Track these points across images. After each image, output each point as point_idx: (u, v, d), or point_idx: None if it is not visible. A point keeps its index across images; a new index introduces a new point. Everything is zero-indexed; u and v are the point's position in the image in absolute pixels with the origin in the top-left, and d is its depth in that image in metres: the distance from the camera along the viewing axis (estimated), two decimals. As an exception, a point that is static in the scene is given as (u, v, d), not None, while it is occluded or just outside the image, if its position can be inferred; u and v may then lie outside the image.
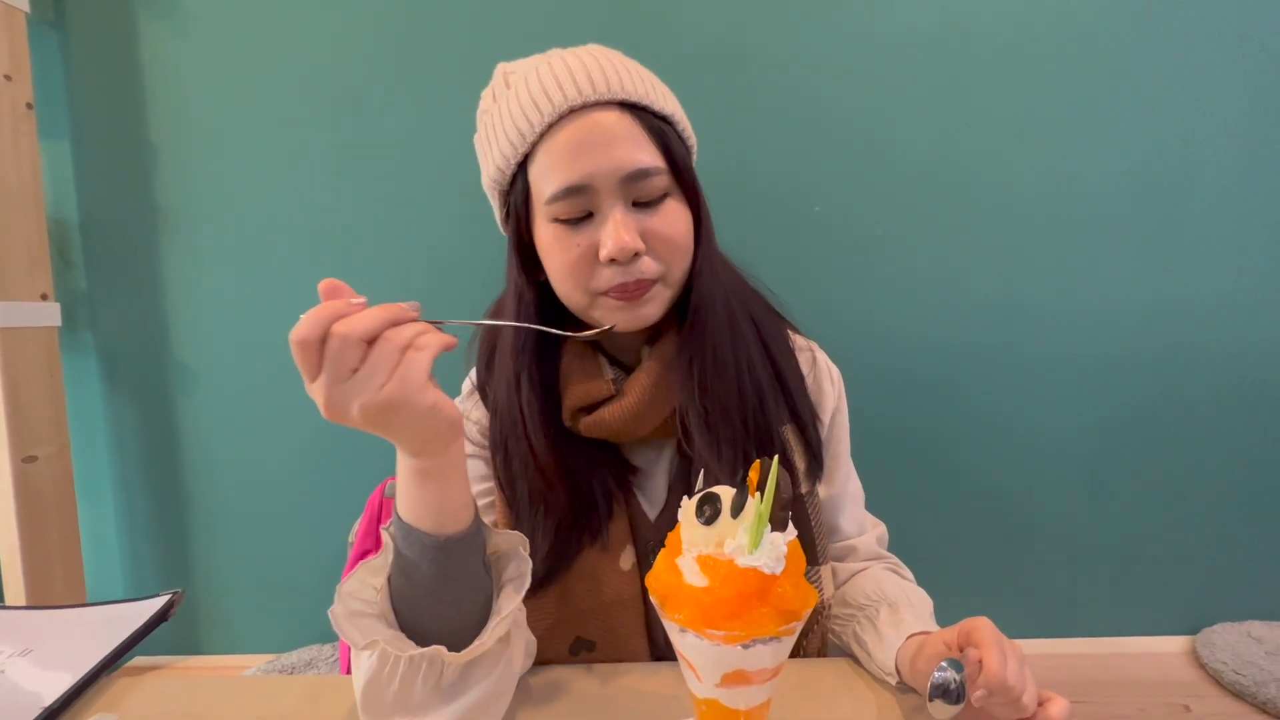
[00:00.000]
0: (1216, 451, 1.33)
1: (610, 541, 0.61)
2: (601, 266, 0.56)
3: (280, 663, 1.25)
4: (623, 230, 0.54)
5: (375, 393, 0.40)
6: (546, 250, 0.58)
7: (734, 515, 0.39)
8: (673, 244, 0.57)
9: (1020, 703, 0.45)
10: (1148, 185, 1.27)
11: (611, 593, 0.61)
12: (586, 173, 0.54)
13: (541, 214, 0.57)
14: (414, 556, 0.46)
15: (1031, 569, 1.35)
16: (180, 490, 1.33)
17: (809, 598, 0.39)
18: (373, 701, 0.46)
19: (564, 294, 0.59)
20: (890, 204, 1.28)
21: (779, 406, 0.63)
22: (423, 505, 0.46)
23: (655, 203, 0.56)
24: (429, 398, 0.41)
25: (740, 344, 0.61)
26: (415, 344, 0.41)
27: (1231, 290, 1.29)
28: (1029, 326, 1.30)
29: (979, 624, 0.50)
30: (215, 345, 1.30)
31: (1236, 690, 1.20)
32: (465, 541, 0.47)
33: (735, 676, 0.39)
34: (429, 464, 0.45)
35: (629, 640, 0.62)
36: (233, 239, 1.28)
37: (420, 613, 0.47)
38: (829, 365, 0.73)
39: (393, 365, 0.40)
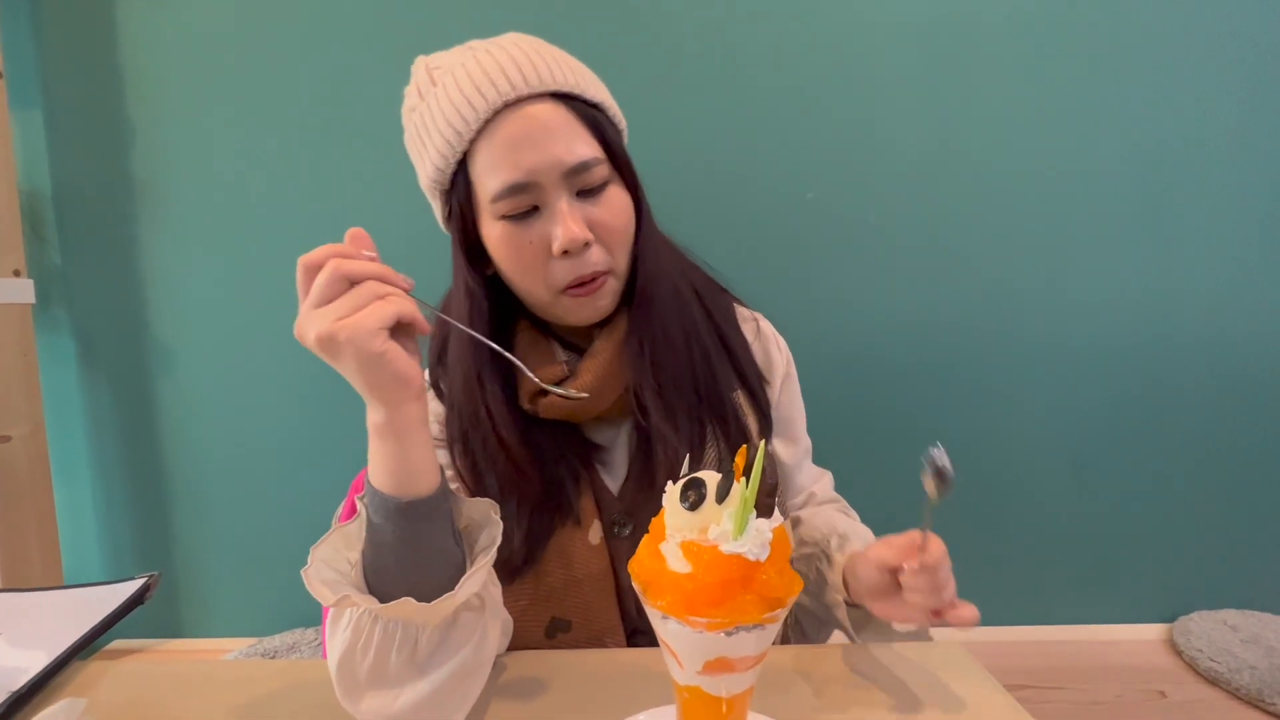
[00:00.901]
0: (1197, 447, 1.34)
1: (579, 518, 0.62)
2: (555, 260, 0.56)
3: (262, 646, 1.24)
4: (571, 222, 0.54)
5: (329, 323, 0.42)
6: (497, 248, 0.59)
7: (719, 501, 0.38)
8: (618, 233, 0.58)
9: (941, 592, 0.50)
10: (1140, 181, 1.27)
11: (583, 568, 0.61)
12: (529, 169, 0.54)
13: (487, 211, 0.57)
14: (379, 521, 0.46)
15: (1013, 558, 1.37)
16: (159, 472, 1.31)
17: (793, 585, 0.39)
18: (347, 677, 0.46)
19: (524, 291, 0.60)
20: (883, 194, 1.27)
21: (727, 373, 0.65)
22: (382, 464, 0.46)
23: (597, 191, 0.57)
24: (377, 344, 0.42)
25: (687, 318, 0.63)
26: (388, 298, 0.43)
27: (1220, 287, 1.29)
28: (1019, 319, 1.31)
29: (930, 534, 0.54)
30: (195, 324, 1.28)
31: (1212, 677, 1.23)
32: (429, 506, 0.47)
33: (718, 664, 0.38)
34: (383, 418, 0.45)
35: (602, 615, 0.62)
36: (212, 214, 1.25)
37: (391, 583, 0.46)
38: (775, 334, 0.74)
39: (356, 306, 0.42)
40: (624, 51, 1.21)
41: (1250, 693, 1.13)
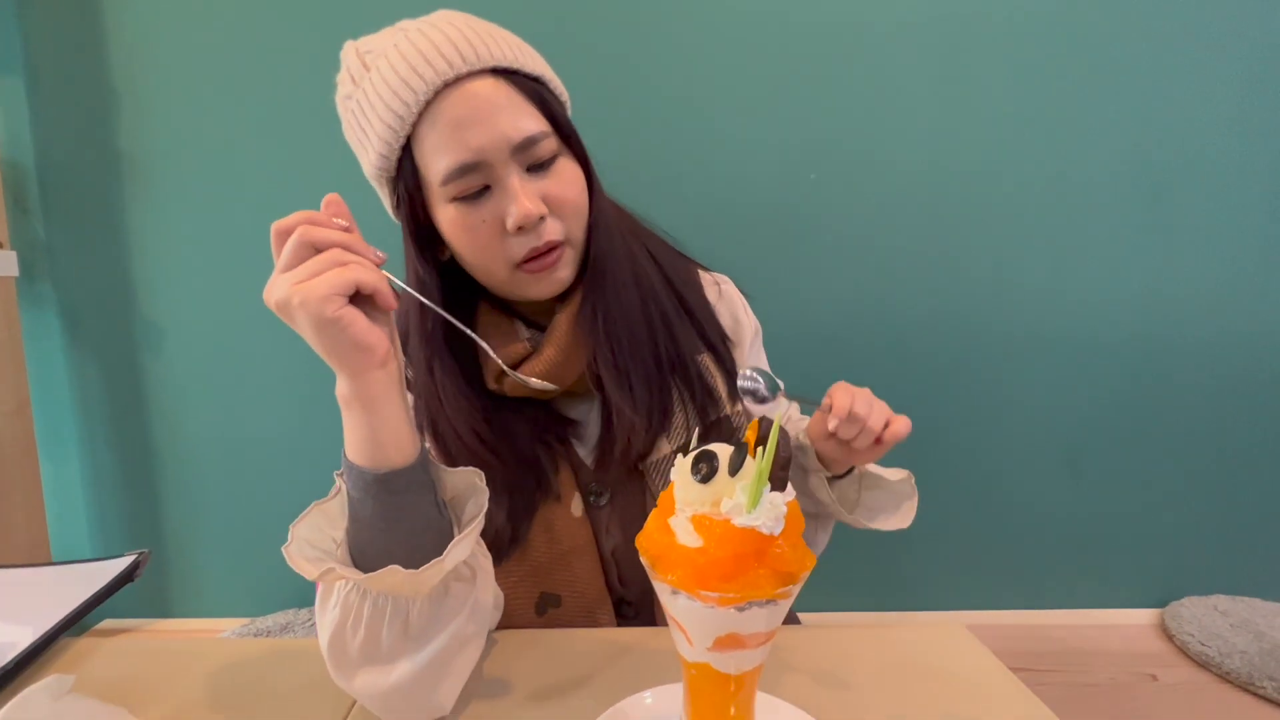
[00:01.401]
0: (1189, 439, 1.35)
1: (560, 491, 0.62)
2: (510, 236, 0.56)
3: (254, 626, 1.23)
4: (524, 198, 0.54)
5: (286, 288, 0.41)
6: (451, 231, 0.57)
7: (732, 473, 0.37)
8: (570, 204, 0.58)
9: (868, 427, 0.56)
10: (1140, 178, 1.27)
11: (568, 540, 0.61)
12: (476, 148, 0.53)
13: (437, 195, 0.56)
14: (358, 495, 0.45)
15: (1009, 545, 1.38)
16: (149, 450, 1.29)
17: (806, 560, 0.37)
18: (338, 655, 0.45)
19: (481, 270, 0.59)
20: (883, 186, 1.26)
21: (690, 335, 0.65)
22: (353, 435, 0.45)
23: (547, 165, 0.56)
24: (329, 310, 0.41)
25: (643, 283, 0.63)
26: (348, 265, 0.42)
27: (1217, 285, 1.30)
28: (1016, 312, 1.30)
29: (836, 384, 0.60)
30: (184, 299, 1.25)
31: (1202, 660, 1.24)
32: (406, 478, 0.46)
33: (728, 640, 0.37)
34: (348, 388, 0.45)
35: (592, 586, 0.62)
36: (201, 187, 1.22)
37: (376, 559, 0.45)
38: (740, 296, 0.74)
39: (314, 272, 0.41)
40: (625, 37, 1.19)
41: (1241, 676, 1.14)
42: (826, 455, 0.64)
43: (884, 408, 0.59)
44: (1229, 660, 1.17)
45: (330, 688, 0.54)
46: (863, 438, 0.57)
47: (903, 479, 0.68)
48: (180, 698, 0.53)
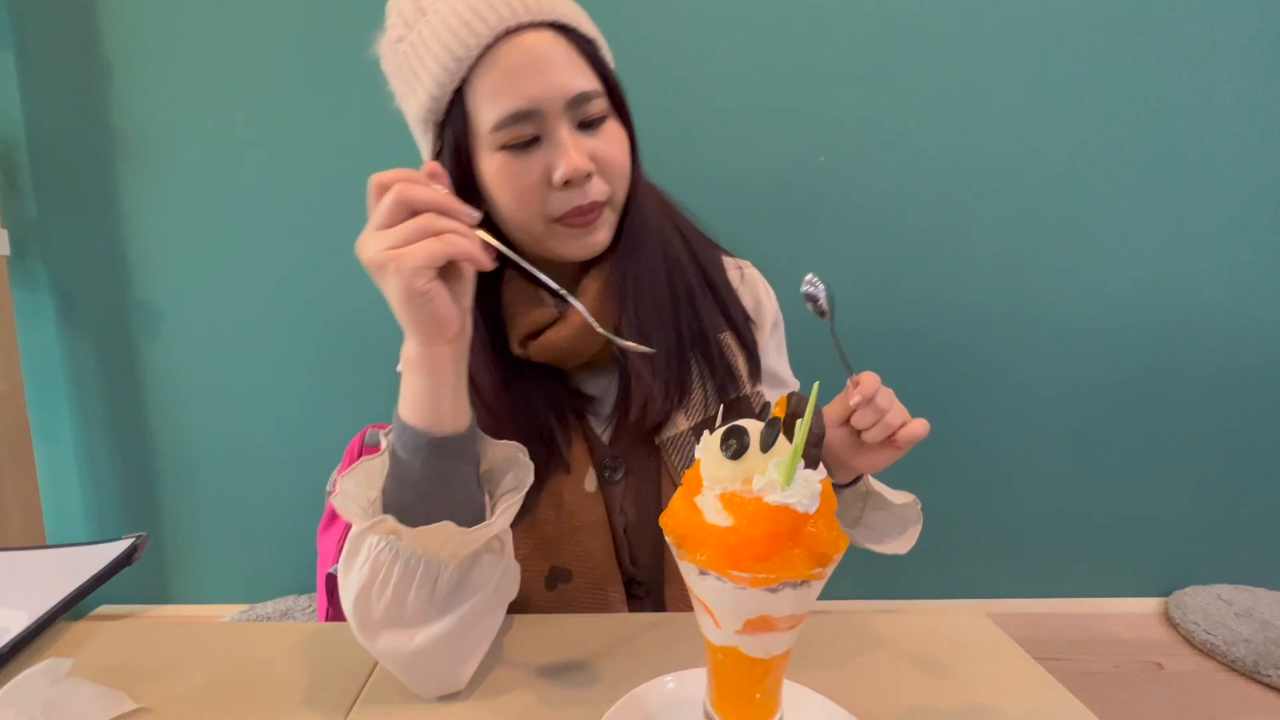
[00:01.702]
0: (1195, 427, 1.35)
1: (572, 465, 0.61)
2: (554, 191, 0.55)
3: (254, 613, 1.22)
4: (574, 153, 0.54)
5: (380, 251, 0.42)
6: (495, 180, 0.56)
7: (764, 449, 0.35)
8: (617, 166, 0.58)
9: (886, 420, 0.55)
10: (1151, 164, 1.26)
11: (580, 516, 0.61)
12: (532, 97, 0.53)
13: (485, 143, 0.55)
14: (406, 456, 0.46)
15: (1014, 533, 1.37)
16: (145, 433, 1.27)
17: (840, 540, 0.36)
18: (363, 614, 0.46)
19: (518, 223, 0.58)
20: (894, 169, 1.24)
21: (713, 313, 0.65)
22: (413, 398, 0.46)
23: (597, 124, 0.57)
24: (419, 283, 0.42)
25: (671, 256, 0.63)
26: (443, 236, 0.42)
27: (1227, 271, 1.29)
28: (1025, 296, 1.29)
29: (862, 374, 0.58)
30: (180, 279, 1.22)
31: (1207, 649, 1.24)
32: (457, 444, 0.48)
33: (758, 623, 0.36)
34: (416, 353, 0.46)
35: (603, 563, 0.62)
36: (198, 164, 1.19)
37: (412, 520, 0.46)
38: (762, 280, 0.74)
39: (409, 238, 0.42)
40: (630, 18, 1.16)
41: (1246, 664, 1.14)
42: (835, 451, 0.61)
43: (903, 409, 0.57)
44: (1234, 649, 1.17)
45: (335, 673, 0.52)
46: (876, 430, 0.56)
47: (909, 503, 0.65)
48: (180, 682, 0.52)
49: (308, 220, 1.21)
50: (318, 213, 1.20)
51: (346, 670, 0.53)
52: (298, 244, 1.21)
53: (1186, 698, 1.08)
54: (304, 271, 1.22)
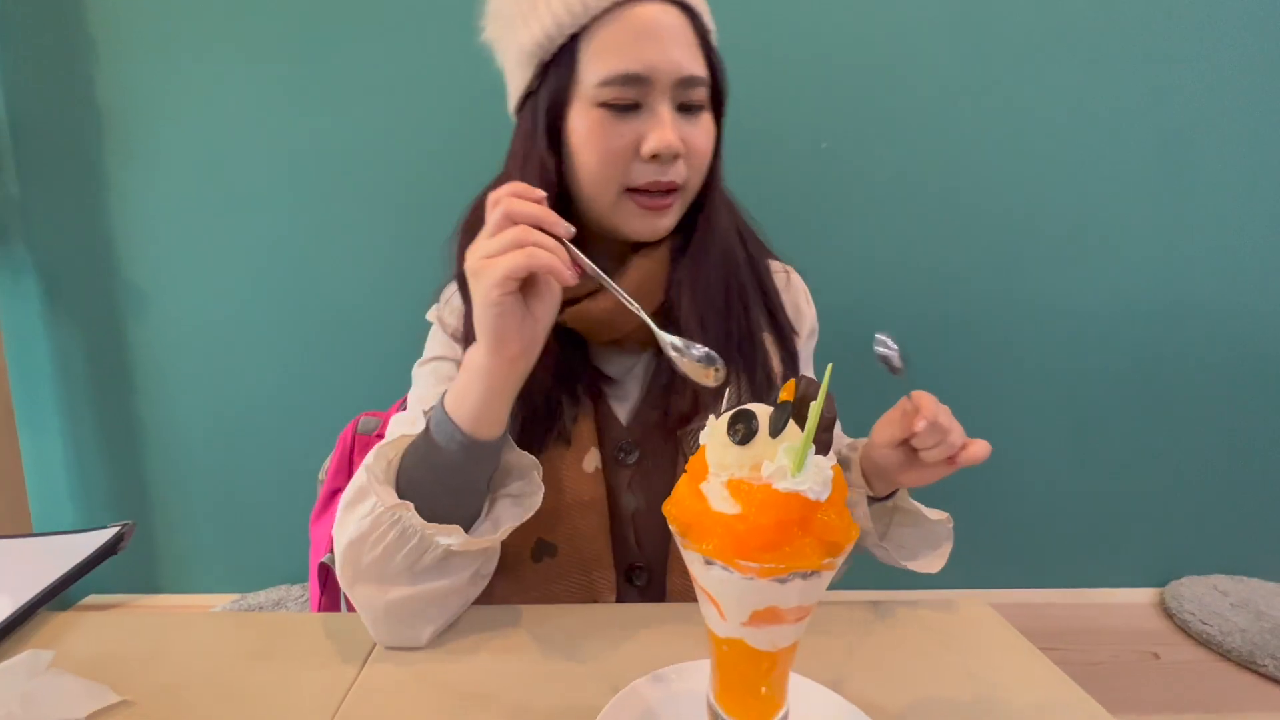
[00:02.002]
0: (1195, 418, 1.34)
1: (574, 442, 0.61)
2: (639, 161, 0.56)
3: (246, 602, 1.20)
4: (670, 129, 0.54)
5: (475, 259, 0.46)
6: (584, 136, 0.56)
7: (773, 435, 0.34)
8: (702, 156, 0.59)
9: (949, 440, 0.53)
10: (1159, 151, 1.24)
11: (572, 495, 0.60)
12: (648, 64, 0.53)
13: (586, 97, 0.55)
14: (441, 440, 0.49)
15: (1011, 523, 1.37)
16: (133, 420, 1.25)
17: (852, 530, 0.34)
18: (351, 562, 0.50)
19: (593, 186, 0.58)
20: (898, 150, 1.22)
21: (760, 315, 0.65)
22: (462, 399, 0.49)
23: (695, 111, 0.57)
24: (494, 294, 0.45)
25: (731, 255, 0.64)
26: (527, 249, 0.44)
27: (1232, 264, 1.28)
28: (1029, 283, 1.28)
29: (918, 391, 0.56)
30: (167, 261, 1.20)
31: (1203, 639, 1.24)
32: (485, 450, 0.51)
33: (766, 614, 0.35)
34: (479, 360, 0.48)
35: (592, 544, 0.61)
36: (185, 143, 1.16)
37: (418, 495, 0.49)
38: (804, 287, 0.75)
39: (500, 249, 0.45)
40: None
41: (1242, 654, 1.14)
42: (883, 466, 0.59)
43: (961, 429, 0.55)
44: (1230, 639, 1.17)
45: (325, 666, 0.51)
46: (938, 451, 0.53)
47: (941, 520, 0.63)
48: (166, 674, 0.50)
49: (299, 203, 1.18)
50: (309, 195, 1.18)
51: (338, 661, 0.51)
52: (289, 227, 1.19)
53: (1183, 687, 1.08)
54: (296, 255, 1.19)
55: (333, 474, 1.11)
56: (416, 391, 0.65)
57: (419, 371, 0.66)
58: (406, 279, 1.21)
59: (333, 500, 1.11)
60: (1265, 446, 1.36)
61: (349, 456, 1.11)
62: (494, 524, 0.53)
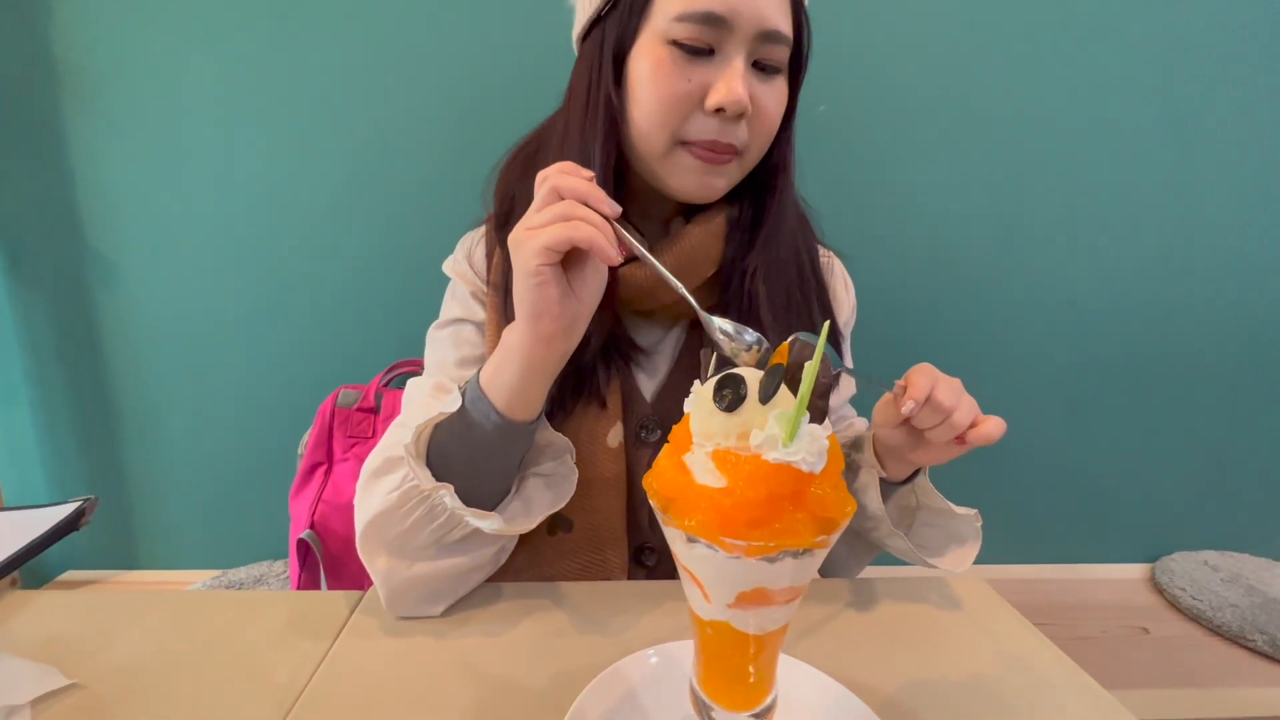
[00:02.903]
0: (1189, 394, 1.33)
1: (601, 415, 0.58)
2: (699, 112, 0.52)
3: (227, 579, 1.18)
4: (741, 84, 0.50)
5: (519, 229, 0.45)
6: (647, 73, 0.52)
7: (763, 401, 0.31)
8: (769, 121, 0.54)
9: (952, 420, 0.49)
10: (1167, 136, 1.20)
11: (593, 469, 0.57)
12: (732, 6, 0.49)
13: (657, 31, 0.51)
14: (477, 417, 0.48)
15: (1004, 498, 1.35)
16: (105, 391, 1.20)
17: (847, 504, 0.32)
18: (374, 535, 0.49)
19: (646, 131, 0.53)
20: (895, 120, 1.18)
21: (814, 300, 0.63)
22: (498, 378, 0.48)
23: (771, 72, 0.53)
24: (533, 264, 0.43)
25: (797, 232, 0.62)
26: (572, 222, 0.43)
27: (1240, 243, 1.25)
28: (1027, 256, 1.24)
29: (917, 365, 0.52)
30: (135, 227, 1.14)
31: (1193, 614, 1.24)
32: (522, 430, 0.49)
33: (753, 596, 0.32)
34: (520, 339, 0.46)
35: (608, 522, 0.59)
36: (151, 104, 1.10)
37: (446, 467, 0.49)
38: (844, 273, 0.72)
39: (545, 221, 0.43)
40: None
41: (1232, 629, 1.13)
42: (890, 447, 0.55)
43: (973, 404, 0.50)
44: (1220, 614, 1.16)
45: (292, 647, 0.48)
46: (943, 430, 0.49)
47: (969, 516, 0.57)
48: (119, 656, 0.47)
49: (274, 166, 1.13)
50: (284, 155, 1.12)
51: (303, 642, 0.49)
52: (264, 192, 1.13)
53: (1173, 662, 1.08)
54: (271, 221, 1.14)
55: (312, 448, 1.08)
56: (434, 356, 0.62)
57: (436, 335, 0.63)
58: (388, 248, 1.16)
59: (312, 475, 1.08)
60: (1257, 423, 1.35)
61: (328, 430, 1.08)
62: (525, 504, 0.52)
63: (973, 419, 0.50)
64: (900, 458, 0.55)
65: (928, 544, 0.59)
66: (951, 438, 0.50)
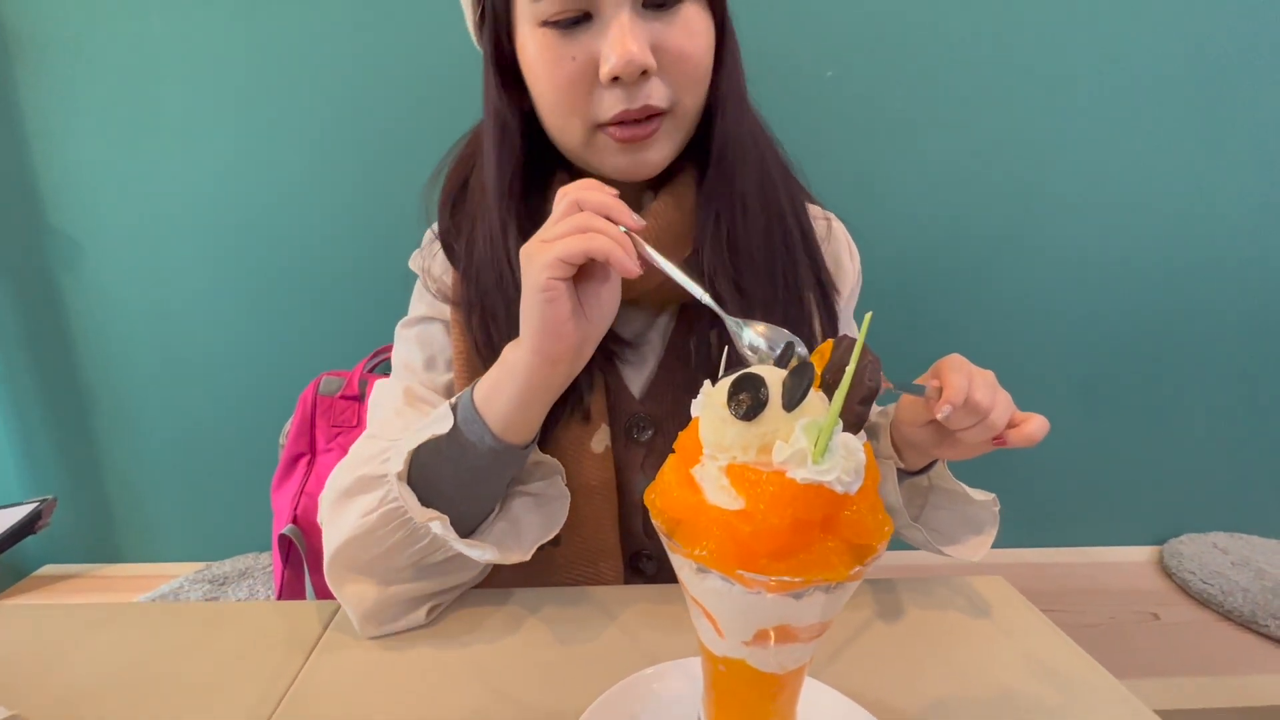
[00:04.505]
0: (1202, 373, 1.29)
1: (589, 413, 0.53)
2: (602, 89, 0.45)
3: (211, 572, 1.14)
4: (629, 38, 0.43)
5: (534, 241, 0.41)
6: (532, 65, 0.47)
7: (788, 407, 0.26)
8: (688, 62, 0.46)
9: (989, 421, 0.44)
10: (1192, 88, 1.14)
11: (580, 478, 0.53)
12: None
13: (527, 17, 0.46)
14: (472, 439, 0.44)
15: (1012, 480, 1.32)
16: (76, 380, 1.15)
17: (886, 525, 0.27)
18: (348, 557, 0.45)
19: (556, 127, 0.48)
20: (907, 80, 1.11)
21: (805, 269, 0.55)
22: (495, 398, 0.44)
23: (669, 6, 0.45)
24: (545, 276, 0.40)
25: (771, 195, 0.53)
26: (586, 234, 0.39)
27: (1259, 214, 1.19)
28: (1046, 223, 1.19)
29: (947, 357, 0.48)
30: (100, 208, 1.07)
31: (1204, 599, 1.21)
32: (516, 454, 0.46)
33: (776, 633, 0.27)
34: (523, 358, 0.43)
35: (600, 533, 0.55)
36: (110, 72, 1.03)
37: (431, 488, 0.45)
38: (848, 238, 0.64)
39: (560, 234, 0.40)
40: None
41: (1244, 615, 1.11)
42: (913, 443, 0.51)
43: (1008, 400, 0.46)
44: (1230, 599, 1.14)
45: (256, 672, 0.44)
46: (979, 431, 0.45)
47: (988, 501, 0.54)
48: (62, 682, 0.43)
49: (247, 139, 1.05)
50: (258, 130, 1.05)
51: (273, 657, 0.44)
52: (236, 167, 1.06)
53: (1185, 649, 1.06)
54: (245, 199, 1.08)
55: (294, 438, 1.03)
56: (401, 356, 0.57)
57: (403, 333, 0.58)
58: (371, 225, 1.10)
59: (294, 466, 1.04)
60: (1265, 403, 1.31)
61: (310, 419, 1.03)
62: (512, 525, 0.48)
63: (1009, 418, 0.45)
64: (923, 453, 0.51)
65: (941, 528, 0.56)
66: (987, 438, 0.45)
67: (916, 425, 0.49)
